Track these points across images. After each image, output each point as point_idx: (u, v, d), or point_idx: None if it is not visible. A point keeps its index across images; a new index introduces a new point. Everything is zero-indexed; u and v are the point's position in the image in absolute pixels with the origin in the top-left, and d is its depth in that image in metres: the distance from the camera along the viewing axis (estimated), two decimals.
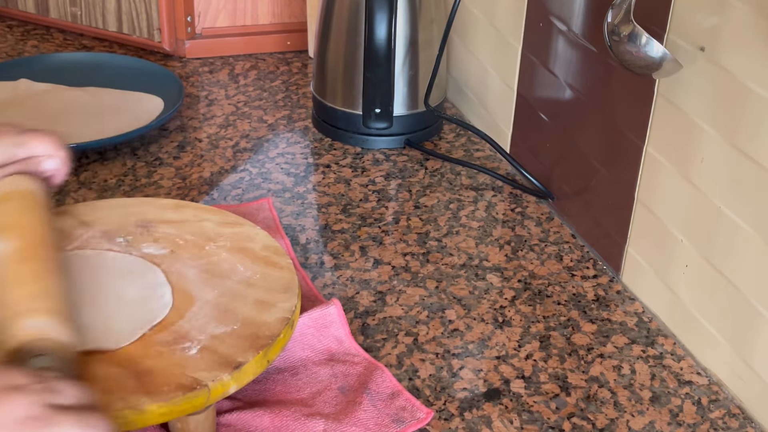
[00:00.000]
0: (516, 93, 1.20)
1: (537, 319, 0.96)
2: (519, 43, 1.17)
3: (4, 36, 1.57)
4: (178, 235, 0.92)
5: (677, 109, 0.90)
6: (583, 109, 1.06)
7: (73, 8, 1.55)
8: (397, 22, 1.21)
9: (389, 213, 1.13)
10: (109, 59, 1.45)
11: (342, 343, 0.88)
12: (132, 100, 1.33)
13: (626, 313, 0.97)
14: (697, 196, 0.88)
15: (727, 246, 0.85)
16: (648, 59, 0.86)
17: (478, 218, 1.12)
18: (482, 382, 0.87)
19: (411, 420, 0.81)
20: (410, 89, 1.27)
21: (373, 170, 1.22)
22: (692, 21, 0.86)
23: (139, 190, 1.15)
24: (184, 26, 1.49)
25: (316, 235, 1.08)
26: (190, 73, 1.47)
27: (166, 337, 0.79)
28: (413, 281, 1.01)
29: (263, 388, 0.84)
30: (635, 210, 0.98)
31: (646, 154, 0.96)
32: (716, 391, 0.88)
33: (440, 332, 0.93)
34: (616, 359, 0.91)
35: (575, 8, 1.05)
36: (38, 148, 0.89)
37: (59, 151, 0.90)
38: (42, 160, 0.90)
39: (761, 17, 0.77)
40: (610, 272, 1.03)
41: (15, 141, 0.88)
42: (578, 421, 0.83)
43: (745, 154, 0.81)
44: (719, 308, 0.88)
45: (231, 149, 1.25)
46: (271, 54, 1.55)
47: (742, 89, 0.81)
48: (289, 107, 1.37)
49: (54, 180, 0.91)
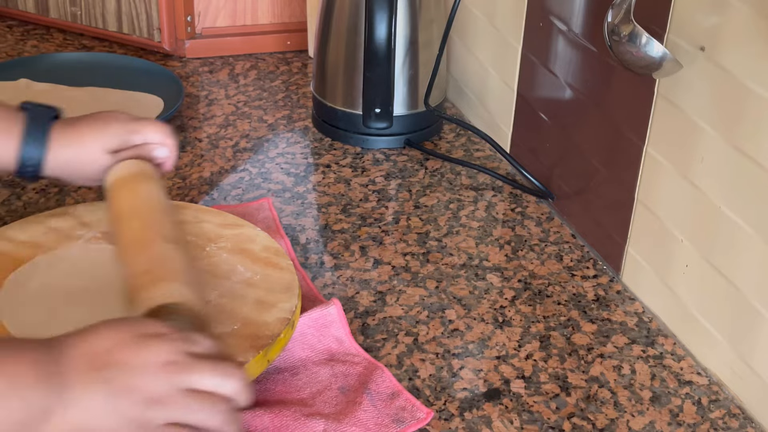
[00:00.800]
0: (516, 93, 1.20)
1: (537, 319, 0.96)
2: (519, 43, 1.17)
3: (4, 36, 1.57)
4: None
5: (677, 109, 0.90)
6: (583, 109, 1.06)
7: (73, 8, 1.55)
8: (397, 22, 1.21)
9: (389, 213, 1.13)
10: (109, 59, 1.45)
11: (342, 343, 0.88)
12: (132, 100, 1.33)
13: (626, 313, 0.97)
14: (697, 196, 0.88)
15: (727, 246, 0.85)
16: (648, 59, 0.86)
17: (478, 218, 1.12)
18: (482, 382, 0.87)
19: (411, 420, 0.81)
20: (410, 89, 1.27)
21: (373, 170, 1.22)
22: (692, 21, 0.86)
23: None
24: (184, 26, 1.49)
25: (316, 235, 1.08)
26: (190, 72, 1.47)
27: None
28: (413, 281, 1.01)
29: (263, 388, 0.84)
30: (635, 210, 0.98)
31: (646, 154, 0.96)
32: (716, 391, 0.88)
33: (440, 332, 0.93)
34: (616, 359, 0.91)
35: (575, 8, 1.05)
36: (152, 136, 0.94)
37: (170, 140, 0.95)
38: (154, 147, 0.94)
39: (761, 17, 0.78)
40: (610, 272, 1.03)
41: (130, 128, 0.93)
42: (578, 421, 0.83)
43: (745, 154, 0.82)
44: (719, 308, 0.88)
45: (231, 149, 1.25)
46: (271, 54, 1.55)
47: (742, 89, 0.81)
48: (289, 107, 1.37)
49: (165, 167, 0.96)
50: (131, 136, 0.93)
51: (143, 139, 0.94)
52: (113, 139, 0.92)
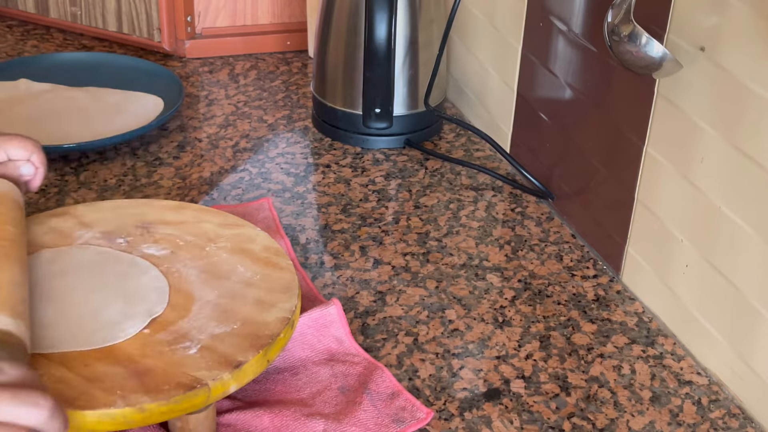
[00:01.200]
0: (516, 93, 1.20)
1: (537, 319, 0.96)
2: (519, 43, 1.17)
3: (4, 36, 1.57)
4: (179, 236, 0.92)
5: (677, 109, 0.90)
6: (583, 109, 1.06)
7: (73, 8, 1.55)
8: (397, 22, 1.21)
9: (389, 213, 1.13)
10: (109, 59, 1.45)
11: (342, 343, 0.88)
12: (132, 100, 1.33)
13: (626, 313, 0.97)
14: (697, 196, 0.88)
15: (727, 246, 0.85)
16: (648, 59, 0.86)
17: (478, 218, 1.12)
18: (482, 382, 0.87)
19: (411, 420, 0.81)
20: (410, 89, 1.27)
21: (373, 170, 1.22)
22: (692, 21, 0.86)
23: (138, 190, 1.15)
24: (184, 26, 1.49)
25: (316, 235, 1.08)
26: (190, 73, 1.47)
27: (167, 336, 0.79)
28: (413, 281, 1.01)
29: (263, 388, 0.84)
30: (635, 210, 0.98)
31: (646, 154, 0.96)
32: (716, 391, 0.88)
33: (440, 332, 0.93)
34: (616, 359, 0.91)
35: (575, 8, 1.05)
36: (15, 152, 0.89)
37: (36, 155, 0.90)
38: (19, 164, 0.89)
39: (761, 17, 0.78)
40: (610, 272, 1.03)
41: None
42: (578, 421, 0.83)
43: (745, 154, 0.82)
44: (719, 308, 0.88)
45: (231, 149, 1.25)
46: (271, 54, 1.55)
47: (742, 89, 0.81)
48: (289, 107, 1.37)
49: (32, 184, 0.91)
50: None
51: (5, 156, 0.89)
52: None
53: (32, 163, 0.90)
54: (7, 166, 0.89)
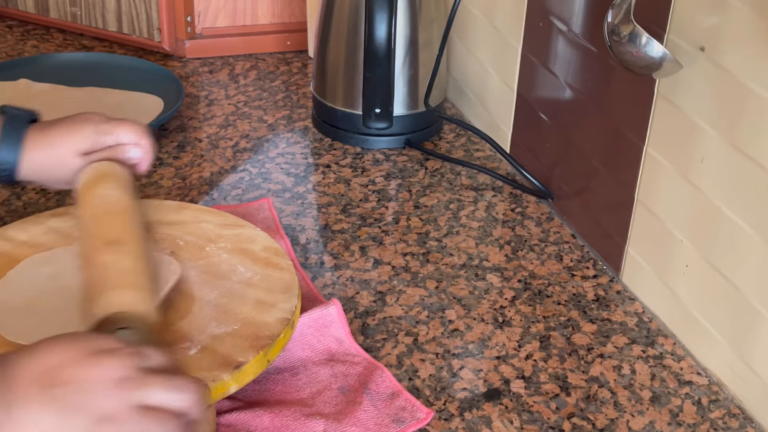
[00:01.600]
0: (516, 93, 1.20)
1: (537, 319, 0.96)
2: (519, 43, 1.17)
3: (4, 36, 1.57)
4: (179, 237, 0.92)
5: (677, 109, 0.90)
6: (583, 109, 1.06)
7: (73, 8, 1.55)
8: (397, 22, 1.21)
9: (389, 213, 1.13)
10: (109, 59, 1.45)
11: (342, 343, 0.88)
12: (132, 100, 1.33)
13: (626, 313, 0.97)
14: (697, 196, 0.88)
15: (727, 246, 0.85)
16: (648, 59, 0.86)
17: (478, 218, 1.12)
18: (482, 382, 0.87)
19: (411, 420, 0.81)
20: (410, 89, 1.27)
21: (373, 170, 1.22)
22: (692, 21, 0.86)
23: (138, 190, 1.15)
24: (184, 26, 1.49)
25: (316, 235, 1.08)
26: (190, 73, 1.47)
27: (167, 337, 0.79)
28: (413, 281, 1.01)
29: (263, 388, 0.84)
30: (635, 210, 0.98)
31: (646, 154, 0.96)
32: (716, 391, 0.88)
33: (440, 332, 0.93)
34: (616, 359, 0.91)
35: (575, 8, 1.05)
36: (125, 136, 0.93)
37: (144, 140, 0.94)
38: (128, 148, 0.93)
39: (761, 17, 0.78)
40: (610, 272, 1.03)
41: (102, 129, 0.92)
42: (578, 421, 0.83)
43: (745, 154, 0.82)
44: (719, 308, 0.88)
45: (231, 149, 1.25)
46: (271, 54, 1.55)
47: (742, 89, 0.81)
48: (289, 107, 1.37)
49: (139, 168, 0.95)
50: (103, 137, 0.91)
51: (116, 140, 0.92)
52: (85, 140, 0.91)
53: (141, 147, 0.93)
54: (117, 150, 0.92)
